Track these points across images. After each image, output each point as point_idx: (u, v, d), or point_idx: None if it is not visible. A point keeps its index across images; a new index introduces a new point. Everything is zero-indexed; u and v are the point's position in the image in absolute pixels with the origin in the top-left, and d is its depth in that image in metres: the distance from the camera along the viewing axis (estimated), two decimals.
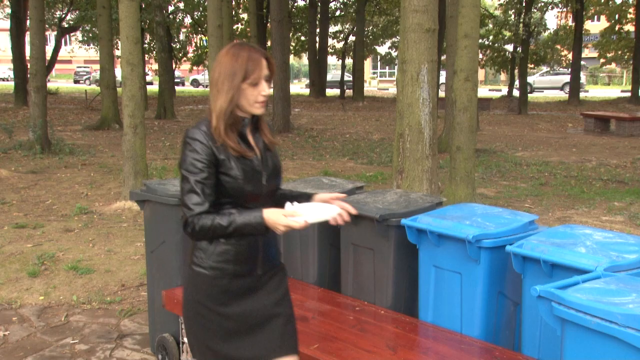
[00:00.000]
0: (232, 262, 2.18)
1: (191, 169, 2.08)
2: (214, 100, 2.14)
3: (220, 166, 2.11)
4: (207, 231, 2.06)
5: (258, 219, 2.05)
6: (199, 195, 2.06)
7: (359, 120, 21.64)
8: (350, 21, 33.67)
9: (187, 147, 2.11)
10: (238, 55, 2.11)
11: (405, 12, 6.45)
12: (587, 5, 30.98)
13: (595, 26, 38.22)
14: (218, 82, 2.13)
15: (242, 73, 2.10)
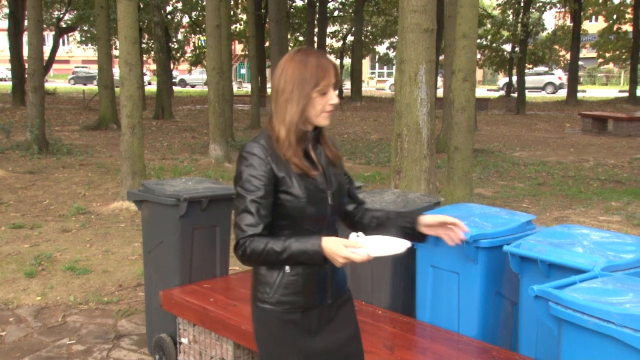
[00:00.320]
0: (302, 292, 1.97)
1: (247, 186, 1.90)
2: (281, 111, 1.94)
3: (280, 184, 1.92)
4: (258, 256, 1.87)
5: (316, 247, 1.83)
6: (253, 216, 1.88)
7: (357, 120, 21.65)
8: (348, 21, 33.69)
9: (243, 162, 1.93)
10: (306, 62, 1.94)
11: (404, 12, 6.46)
12: (585, 6, 31.01)
13: (593, 26, 38.26)
14: (286, 90, 1.93)
15: (312, 81, 1.92)
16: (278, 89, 1.96)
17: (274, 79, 1.98)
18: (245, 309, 3.32)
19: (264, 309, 1.99)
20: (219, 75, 11.69)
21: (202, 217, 3.84)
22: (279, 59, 10.28)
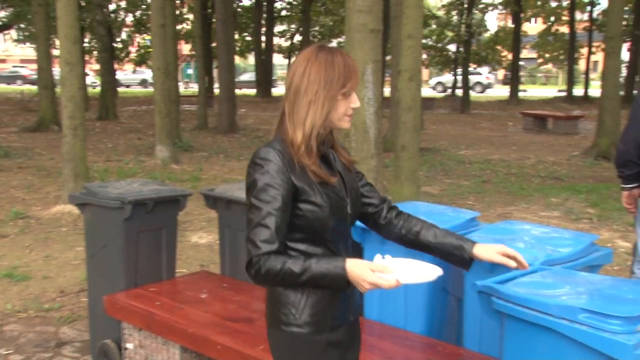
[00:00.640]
0: (329, 309, 1.81)
1: (263, 196, 1.71)
2: (300, 113, 1.77)
3: (300, 193, 1.75)
4: (274, 276, 1.69)
5: (339, 271, 1.67)
6: (270, 231, 1.69)
7: None
8: (296, 21, 33.70)
9: (257, 169, 1.74)
10: (333, 62, 1.78)
11: (350, 12, 6.51)
12: (525, 8, 31.95)
13: (533, 28, 39.48)
14: (309, 91, 1.76)
15: (340, 82, 1.77)
16: (299, 89, 1.78)
17: (292, 77, 1.80)
18: (191, 311, 3.28)
19: (290, 333, 1.79)
20: (164, 76, 11.50)
21: (147, 219, 3.77)
22: (226, 59, 10.25)
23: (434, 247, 1.96)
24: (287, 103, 1.82)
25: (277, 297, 1.80)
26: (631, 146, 3.49)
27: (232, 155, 12.91)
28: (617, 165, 3.64)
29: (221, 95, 17.05)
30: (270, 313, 1.84)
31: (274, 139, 1.81)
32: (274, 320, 1.82)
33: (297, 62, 1.82)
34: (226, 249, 4.00)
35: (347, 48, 6.59)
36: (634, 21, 24.50)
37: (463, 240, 1.94)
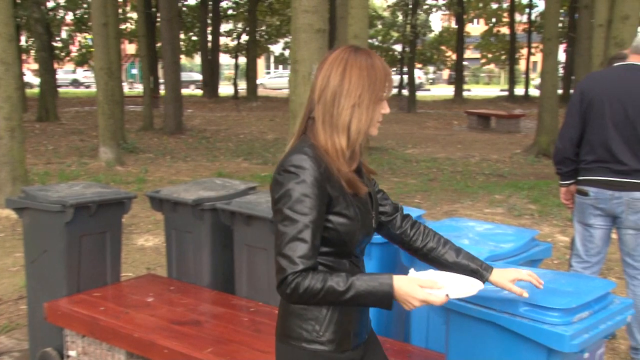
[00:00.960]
0: (352, 326, 1.72)
1: (299, 208, 1.56)
2: (342, 118, 1.65)
3: (334, 204, 1.63)
4: (313, 295, 1.55)
5: (386, 289, 1.57)
6: (308, 245, 1.55)
7: (253, 120, 21.56)
8: (242, 20, 33.47)
9: (291, 177, 1.59)
10: (373, 64, 1.68)
11: (296, 12, 6.51)
12: (468, 9, 32.69)
13: (476, 29, 40.46)
14: (352, 94, 1.65)
15: (381, 86, 1.68)
16: (339, 91, 1.65)
17: (328, 79, 1.67)
18: (137, 315, 3.21)
19: (313, 351, 1.67)
20: (107, 76, 11.23)
21: (90, 223, 3.68)
22: (171, 59, 10.09)
23: (450, 267, 1.89)
24: (319, 106, 1.67)
25: (297, 311, 1.67)
26: (567, 144, 3.62)
27: (179, 157, 12.72)
28: (555, 162, 3.77)
29: (167, 96, 16.78)
30: (286, 328, 1.69)
31: (302, 145, 1.65)
32: (291, 336, 1.68)
33: (330, 63, 1.69)
34: (173, 251, 3.94)
35: (293, 48, 6.59)
36: (569, 23, 25.39)
37: (480, 264, 1.89)
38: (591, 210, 3.56)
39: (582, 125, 3.55)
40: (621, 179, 3.44)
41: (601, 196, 3.50)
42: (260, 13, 32.22)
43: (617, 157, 3.44)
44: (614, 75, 3.56)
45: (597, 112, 3.49)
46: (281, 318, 1.73)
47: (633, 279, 3.58)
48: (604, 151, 3.48)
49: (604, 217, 3.55)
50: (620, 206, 3.45)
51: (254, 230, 3.46)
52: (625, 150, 3.42)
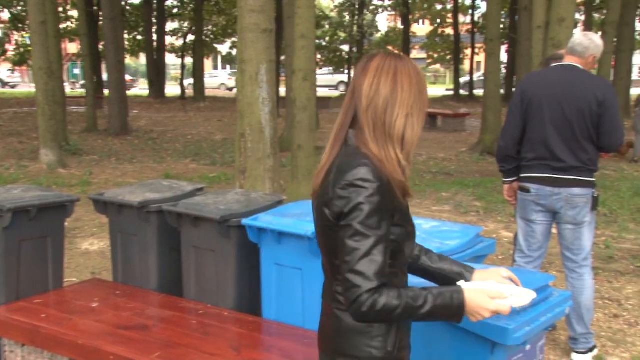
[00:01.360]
0: (408, 337, 1.70)
1: (370, 222, 1.51)
2: (398, 126, 1.59)
3: (394, 216, 1.59)
4: (390, 312, 1.50)
5: (460, 302, 1.54)
6: (381, 261, 1.50)
7: (200, 120, 21.30)
8: (188, 19, 33.02)
9: (361, 192, 1.52)
10: (418, 71, 1.64)
11: (242, 12, 6.46)
12: (413, 10, 33.20)
13: (422, 29, 41.10)
14: (405, 103, 1.60)
15: (426, 93, 1.66)
16: (393, 100, 1.59)
17: (378, 86, 1.60)
18: (81, 321, 3.12)
19: None
20: (47, 76, 10.88)
21: (30, 227, 3.56)
22: (115, 59, 9.86)
23: (433, 273, 1.89)
24: (368, 115, 1.60)
25: (361, 329, 1.58)
26: (509, 142, 3.72)
27: (125, 159, 12.45)
28: (498, 160, 3.87)
29: (111, 96, 16.39)
30: (349, 347, 1.60)
31: (358, 157, 1.58)
32: (357, 356, 1.59)
33: (376, 70, 1.62)
34: (119, 255, 3.85)
35: (240, 48, 6.55)
36: (510, 25, 26.10)
37: (464, 267, 1.89)
38: (533, 207, 3.67)
39: (522, 124, 3.66)
40: (560, 175, 3.56)
41: (542, 192, 3.61)
42: (207, 12, 31.85)
43: (556, 154, 3.55)
44: (551, 76, 3.68)
45: (536, 111, 3.60)
46: (338, 337, 1.62)
47: (572, 272, 3.71)
48: (543, 149, 3.59)
49: (545, 213, 3.66)
50: (560, 202, 3.57)
51: (201, 231, 3.42)
52: (564, 148, 3.54)
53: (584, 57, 3.62)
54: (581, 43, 3.62)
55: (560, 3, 7.73)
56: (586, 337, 3.71)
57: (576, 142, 3.53)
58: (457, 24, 31.96)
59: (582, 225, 3.60)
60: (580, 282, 3.67)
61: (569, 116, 3.51)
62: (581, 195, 3.55)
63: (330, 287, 1.66)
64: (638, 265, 5.62)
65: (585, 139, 3.53)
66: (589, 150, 3.55)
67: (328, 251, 1.64)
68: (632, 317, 4.42)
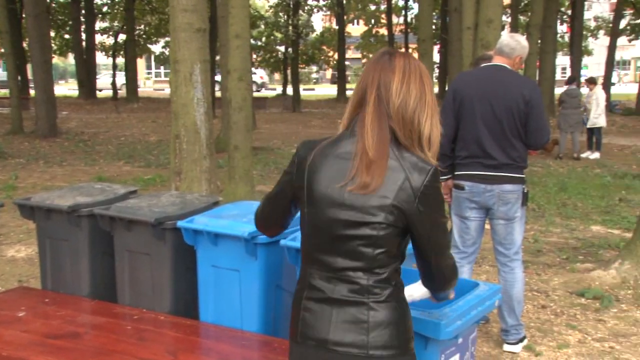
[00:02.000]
0: None
1: (444, 218, 1.70)
2: (426, 127, 1.65)
3: None
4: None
5: None
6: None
7: (134, 122, 20.81)
8: (119, 18, 32.17)
9: (439, 191, 1.66)
10: (425, 71, 1.69)
11: (175, 11, 6.35)
12: (348, 10, 33.50)
13: (357, 29, 41.54)
14: (430, 103, 1.65)
15: (433, 90, 1.69)
16: (422, 101, 1.64)
17: (409, 84, 1.63)
18: (7, 332, 2.99)
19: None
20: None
21: None
22: (40, 58, 9.50)
23: None
24: (398, 113, 1.63)
25: (409, 317, 1.71)
26: (444, 141, 3.79)
27: (54, 161, 12.01)
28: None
29: (38, 97, 15.76)
30: (409, 340, 1.68)
31: (411, 153, 1.63)
32: (411, 347, 1.69)
33: (402, 72, 1.64)
34: (47, 261, 3.71)
35: (173, 47, 6.43)
36: (442, 25, 26.75)
37: None
38: (467, 204, 3.77)
39: (455, 122, 3.75)
40: (492, 172, 3.67)
41: (475, 190, 3.71)
42: (138, 11, 31.13)
43: (488, 152, 3.66)
44: (481, 75, 3.79)
45: (468, 110, 3.70)
46: (400, 329, 1.65)
47: (504, 266, 3.83)
48: (476, 147, 3.69)
49: (479, 210, 3.77)
50: (492, 198, 3.68)
51: (135, 235, 3.34)
52: (495, 146, 3.65)
53: (511, 58, 3.74)
54: (508, 44, 3.74)
55: (488, 5, 7.98)
56: (517, 328, 3.85)
57: (506, 140, 3.65)
58: (391, 25, 32.49)
59: (513, 220, 3.73)
60: (512, 275, 3.80)
61: (499, 115, 3.63)
62: (512, 192, 3.67)
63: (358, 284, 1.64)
64: (564, 257, 5.87)
65: (515, 137, 3.65)
66: (519, 147, 3.68)
67: (372, 245, 1.62)
68: (558, 307, 4.62)
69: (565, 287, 5.00)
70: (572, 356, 3.82)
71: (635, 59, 49.68)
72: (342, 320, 1.62)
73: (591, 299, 4.71)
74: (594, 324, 4.30)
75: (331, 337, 1.62)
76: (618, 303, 4.64)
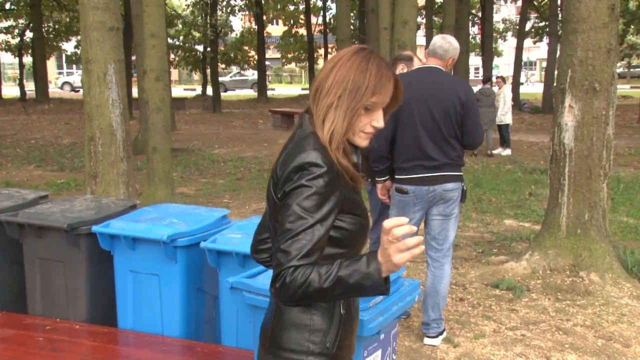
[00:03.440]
0: (351, 336, 1.67)
1: (307, 205, 1.48)
2: (323, 112, 1.59)
3: (345, 202, 1.56)
4: (302, 287, 1.44)
5: (373, 257, 1.44)
6: (312, 244, 1.46)
7: (45, 124, 19.88)
8: (25, 15, 30.61)
9: (304, 174, 1.50)
10: (367, 67, 1.60)
11: (85, 8, 6.12)
12: (267, 10, 33.40)
13: (277, 29, 41.51)
14: (330, 93, 1.59)
15: (367, 92, 1.58)
16: (321, 87, 1.61)
17: (320, 73, 1.63)
18: None
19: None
20: None
21: None
22: None
23: None
24: (310, 99, 1.65)
25: (301, 322, 1.55)
26: (382, 143, 3.83)
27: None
28: (371, 161, 3.95)
29: None
30: (288, 341, 1.56)
31: (305, 137, 1.58)
32: (294, 349, 1.55)
33: (329, 59, 1.65)
34: None
35: (85, 47, 6.20)
36: (360, 26, 27.17)
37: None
38: (411, 207, 3.81)
39: (394, 125, 3.77)
40: (433, 173, 3.74)
41: (419, 192, 3.77)
42: (46, 8, 29.73)
43: (428, 153, 3.72)
44: (417, 78, 3.83)
45: (406, 112, 3.72)
46: (278, 329, 1.58)
47: (435, 261, 3.91)
48: (415, 149, 3.73)
49: (422, 210, 3.83)
50: (435, 198, 3.76)
51: (47, 242, 3.20)
52: (434, 147, 3.72)
53: (444, 59, 3.83)
54: (441, 46, 3.82)
55: (403, 7, 8.18)
56: (438, 322, 3.96)
57: (444, 140, 3.73)
58: (310, 25, 32.67)
59: (450, 217, 3.82)
60: (441, 271, 3.89)
61: (437, 117, 3.70)
62: (454, 190, 3.77)
63: None
64: (480, 251, 6.10)
65: (452, 137, 3.74)
66: (457, 147, 3.78)
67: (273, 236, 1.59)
68: (475, 299, 4.79)
69: (481, 280, 5.19)
70: (488, 345, 3.97)
71: (540, 60, 52.35)
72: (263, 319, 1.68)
73: (505, 289, 4.92)
74: (508, 313, 4.50)
75: None
76: (529, 292, 4.87)
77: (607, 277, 4.89)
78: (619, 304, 4.59)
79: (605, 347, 3.94)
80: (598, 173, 5.01)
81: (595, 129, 4.96)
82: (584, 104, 4.95)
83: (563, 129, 5.07)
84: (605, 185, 5.08)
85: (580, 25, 4.88)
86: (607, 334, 4.14)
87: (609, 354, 3.85)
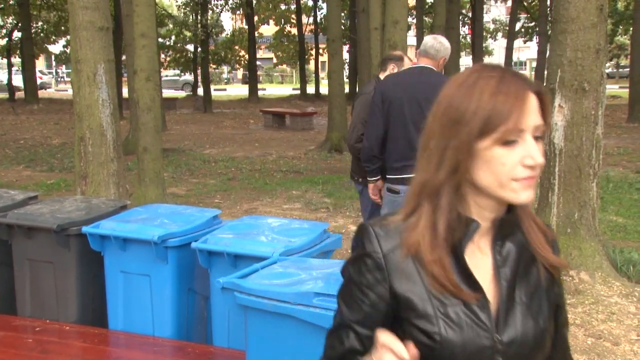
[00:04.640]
0: None
1: (348, 300, 1.14)
2: (420, 169, 1.13)
3: (403, 308, 1.09)
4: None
5: None
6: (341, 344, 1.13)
7: (34, 124, 19.77)
8: (13, 15, 30.38)
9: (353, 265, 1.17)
10: (475, 85, 1.08)
11: (74, 8, 6.10)
12: (258, 9, 33.36)
13: (268, 29, 41.45)
14: (432, 134, 1.13)
15: (479, 120, 1.05)
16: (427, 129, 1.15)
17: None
18: None
19: None
20: None
21: None
22: None
23: None
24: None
25: None
26: (374, 143, 3.83)
27: None
28: (363, 161, 3.95)
29: None
30: None
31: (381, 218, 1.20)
32: None
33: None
34: None
35: (74, 47, 6.17)
36: (350, 26, 27.20)
37: None
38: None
39: (385, 124, 3.76)
40: None
41: None
42: (35, 7, 29.53)
43: None
44: (409, 78, 3.84)
45: (397, 112, 3.72)
46: None
47: None
48: (407, 149, 3.70)
49: None
50: None
51: (36, 243, 3.19)
52: None
53: (436, 59, 3.83)
54: (433, 46, 3.82)
55: (394, 7, 8.19)
56: None
57: None
58: (301, 25, 32.66)
59: None
60: None
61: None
62: None
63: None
64: None
65: None
66: None
67: None
68: None
69: None
70: None
71: (530, 60, 52.59)
72: None
73: None
74: None
75: None
76: None
77: (597, 276, 4.93)
78: (608, 303, 4.62)
79: (595, 346, 3.97)
80: (588, 172, 5.04)
81: (584, 129, 4.99)
82: (573, 103, 4.98)
83: (553, 128, 5.10)
84: (595, 184, 5.11)
85: (569, 25, 4.91)
86: (597, 332, 4.16)
87: (598, 352, 3.88)
